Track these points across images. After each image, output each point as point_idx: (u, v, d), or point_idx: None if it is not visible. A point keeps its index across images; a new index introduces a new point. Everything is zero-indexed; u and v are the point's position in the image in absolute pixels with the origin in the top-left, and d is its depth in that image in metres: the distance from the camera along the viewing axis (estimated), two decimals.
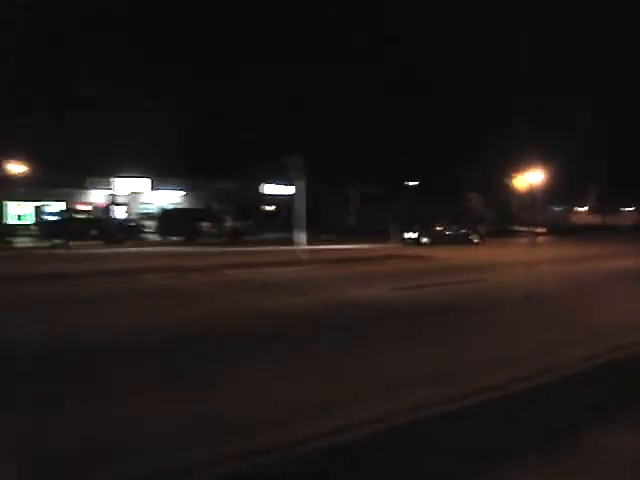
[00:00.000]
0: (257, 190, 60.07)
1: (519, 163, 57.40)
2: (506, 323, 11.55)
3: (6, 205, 50.73)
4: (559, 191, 67.42)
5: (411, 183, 68.98)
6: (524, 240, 50.88)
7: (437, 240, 41.89)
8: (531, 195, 58.51)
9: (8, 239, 39.17)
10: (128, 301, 14.81)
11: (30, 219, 51.58)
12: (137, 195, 56.40)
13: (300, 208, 27.88)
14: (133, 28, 49.95)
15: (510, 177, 61.99)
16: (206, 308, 13.48)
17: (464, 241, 42.59)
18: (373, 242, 40.79)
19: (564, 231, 62.20)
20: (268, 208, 60.08)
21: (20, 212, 52.28)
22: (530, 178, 57.35)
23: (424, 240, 42.03)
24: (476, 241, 43.70)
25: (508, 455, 5.19)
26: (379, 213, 54.50)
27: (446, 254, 31.09)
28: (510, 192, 64.32)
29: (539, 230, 57.04)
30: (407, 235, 42.91)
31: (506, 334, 10.44)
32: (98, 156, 48.38)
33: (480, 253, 34.11)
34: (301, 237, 28.21)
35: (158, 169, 52.72)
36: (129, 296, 15.88)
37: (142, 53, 49.05)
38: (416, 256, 29.47)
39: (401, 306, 13.75)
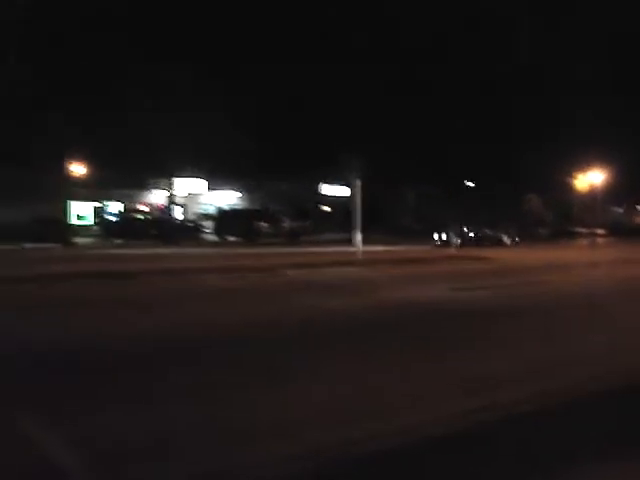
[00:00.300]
0: (314, 190, 60.20)
1: (580, 163, 56.59)
2: (567, 325, 11.40)
3: (68, 205, 51.63)
4: (620, 192, 66.33)
5: (469, 184, 68.48)
6: (584, 241, 50.21)
7: (468, 242, 41.38)
8: (592, 196, 57.64)
9: (70, 238, 39.89)
10: (189, 301, 14.99)
11: (91, 219, 52.52)
12: (195, 196, 56.96)
13: (356, 208, 27.82)
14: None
15: (570, 177, 61.09)
16: (266, 308, 13.55)
17: (496, 243, 41.99)
18: (429, 243, 40.71)
19: (625, 232, 61.04)
20: (325, 208, 60.15)
21: (81, 212, 53.17)
22: (591, 178, 56.53)
23: (454, 241, 41.57)
24: (508, 243, 43.07)
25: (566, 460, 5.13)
26: (437, 214, 54.19)
27: (502, 255, 30.76)
28: (570, 193, 63.38)
29: (599, 231, 56.15)
30: (437, 236, 42.44)
31: (569, 336, 10.31)
32: (157, 157, 48.94)
33: (539, 254, 33.72)
34: (358, 238, 28.18)
35: (216, 170, 53.15)
36: (190, 296, 16.07)
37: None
38: (472, 257, 29.27)
39: (458, 307, 13.65)
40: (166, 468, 4.98)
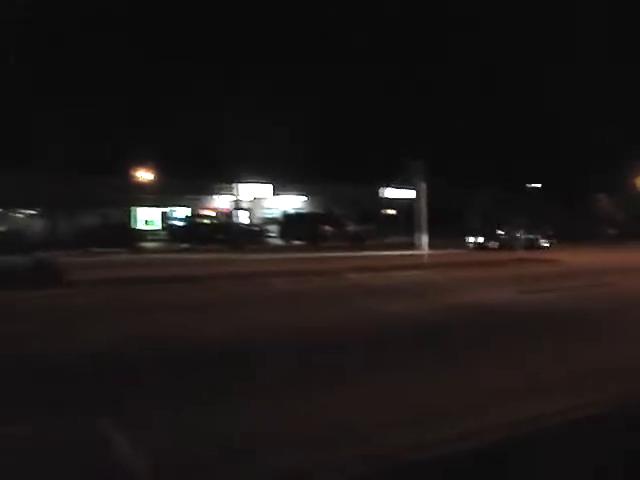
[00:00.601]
0: (378, 194, 60.08)
1: None
2: (634, 328, 11.22)
3: (135, 211, 52.43)
4: None
5: (534, 185, 67.52)
6: None
7: (504, 244, 40.47)
8: None
9: (136, 243, 40.49)
10: (256, 304, 15.15)
11: (157, 224, 53.27)
12: (260, 200, 57.34)
13: (422, 212, 27.72)
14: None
15: None
16: (331, 312, 13.63)
17: (533, 245, 40.99)
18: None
19: None
20: (389, 212, 59.96)
21: (148, 217, 53.95)
22: None
23: (491, 244, 40.76)
24: (546, 245, 42.04)
25: None
26: (505, 216, 53.47)
27: (569, 257, 30.18)
28: None
29: None
30: (472, 239, 41.60)
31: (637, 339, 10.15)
32: (222, 162, 49.38)
33: (607, 256, 33.05)
34: (423, 241, 28.06)
35: (280, 174, 53.39)
36: (257, 299, 16.24)
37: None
38: (538, 260, 28.93)
39: (525, 310, 13.53)
40: (235, 469, 5.08)
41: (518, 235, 41.85)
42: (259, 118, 47.97)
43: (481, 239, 41.23)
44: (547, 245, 41.90)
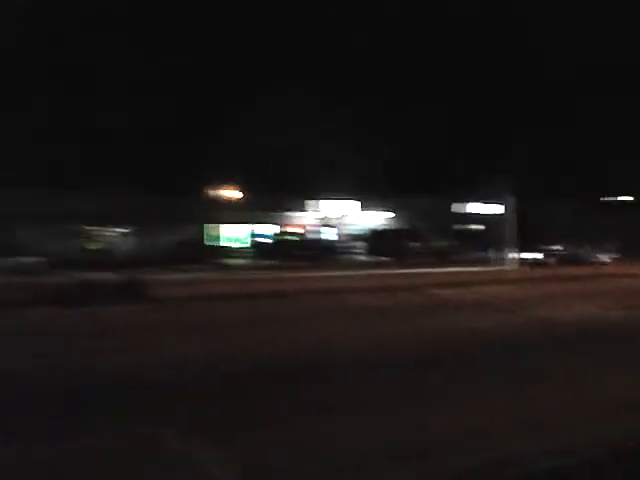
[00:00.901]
0: (462, 209, 59.58)
1: None
2: None
3: (222, 228, 53.10)
4: None
5: (624, 198, 65.83)
6: None
7: (562, 260, 39.35)
8: None
9: (223, 260, 40.86)
10: (344, 319, 15.25)
11: (245, 241, 53.85)
12: (346, 216, 57.47)
13: (508, 227, 27.42)
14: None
15: None
16: (416, 327, 13.64)
17: (591, 261, 39.74)
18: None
19: None
20: (474, 227, 59.36)
21: (235, 234, 54.57)
22: None
23: (548, 260, 39.70)
24: (607, 261, 40.72)
25: None
26: (592, 230, 52.30)
27: None
28: None
29: None
30: (527, 255, 40.46)
31: None
32: (308, 179, 49.62)
33: None
34: (509, 256, 27.72)
35: (366, 190, 53.39)
36: (342, 314, 16.31)
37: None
38: (623, 275, 28.25)
39: (607, 327, 13.29)
40: None
41: (571, 251, 41.14)
42: (343, 131, 48.01)
43: (540, 255, 40.46)
44: (607, 260, 40.86)
